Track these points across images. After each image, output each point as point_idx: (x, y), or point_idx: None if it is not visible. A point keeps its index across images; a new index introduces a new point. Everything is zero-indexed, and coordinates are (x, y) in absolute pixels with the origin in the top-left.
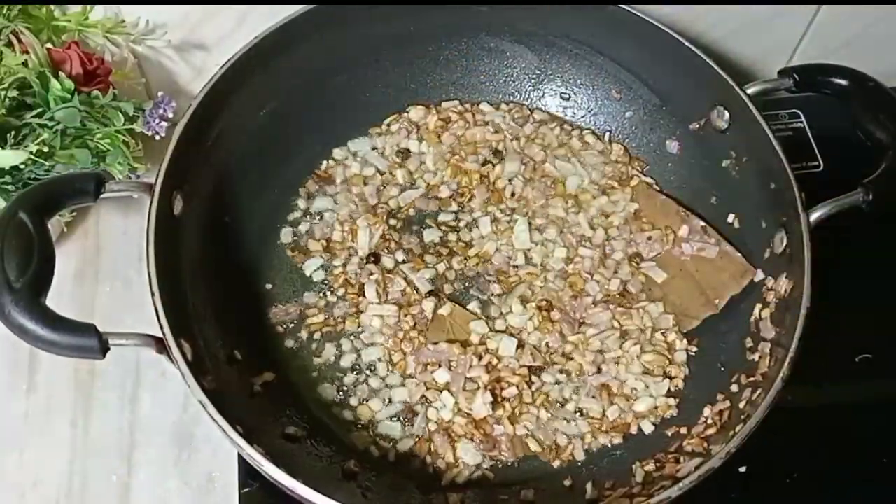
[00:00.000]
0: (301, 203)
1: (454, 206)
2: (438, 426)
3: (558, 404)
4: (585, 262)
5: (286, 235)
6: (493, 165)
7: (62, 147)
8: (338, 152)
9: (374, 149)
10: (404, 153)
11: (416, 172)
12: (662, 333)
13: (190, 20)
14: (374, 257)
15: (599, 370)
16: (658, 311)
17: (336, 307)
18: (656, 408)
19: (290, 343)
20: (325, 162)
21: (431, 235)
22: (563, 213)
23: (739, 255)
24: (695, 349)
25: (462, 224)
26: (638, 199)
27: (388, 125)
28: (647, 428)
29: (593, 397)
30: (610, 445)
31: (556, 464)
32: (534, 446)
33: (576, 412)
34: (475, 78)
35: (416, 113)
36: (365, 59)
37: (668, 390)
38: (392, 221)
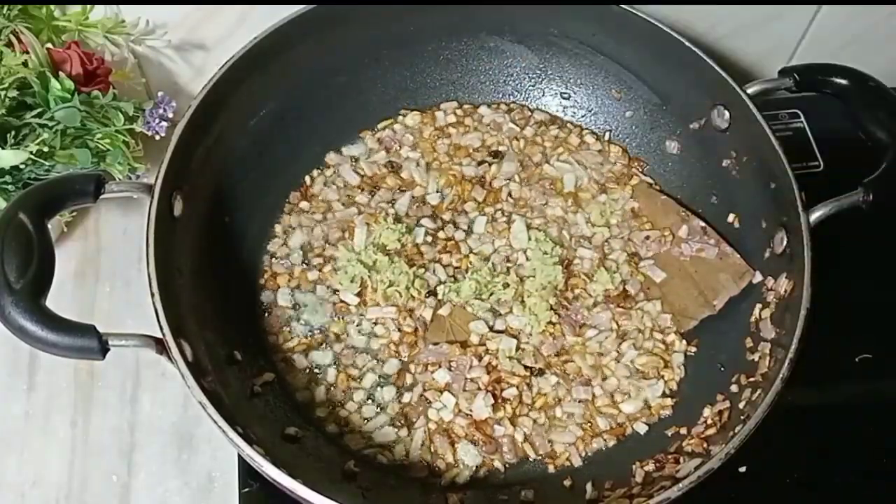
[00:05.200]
0: (279, 230)
1: (450, 211)
2: (438, 426)
3: (554, 409)
4: (585, 262)
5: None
6: (490, 165)
7: (62, 147)
8: (332, 157)
9: (368, 153)
10: (396, 163)
11: (409, 180)
12: (661, 333)
13: (190, 20)
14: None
15: (595, 374)
16: (656, 311)
17: (333, 309)
18: (649, 408)
19: (288, 345)
20: (307, 177)
21: (427, 237)
22: (563, 213)
23: (738, 256)
24: (694, 349)
25: (459, 225)
26: (638, 198)
27: (383, 130)
28: (641, 429)
29: (584, 403)
30: (606, 448)
31: (554, 469)
32: (531, 452)
33: (569, 418)
34: (475, 78)
35: (411, 119)
36: (365, 59)
37: (663, 392)
38: (386, 223)
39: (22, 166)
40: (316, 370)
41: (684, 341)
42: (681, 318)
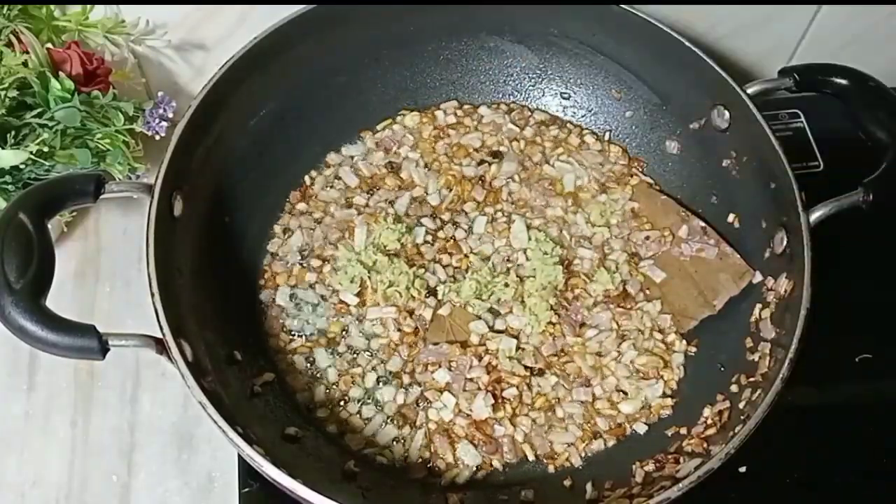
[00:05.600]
0: (279, 230)
1: (449, 212)
2: (438, 426)
3: (554, 409)
4: (585, 262)
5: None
6: (490, 165)
7: (62, 147)
8: (332, 157)
9: (368, 153)
10: (395, 163)
11: (409, 180)
12: (661, 333)
13: (190, 20)
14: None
15: (595, 374)
16: (656, 311)
17: (333, 309)
18: (649, 408)
19: (288, 345)
20: (307, 177)
21: (427, 237)
22: (563, 213)
23: (738, 256)
24: (694, 350)
25: (459, 225)
26: (638, 198)
27: (383, 130)
28: (641, 429)
29: (584, 404)
30: (606, 448)
31: (553, 469)
32: (530, 453)
33: (569, 418)
34: (475, 78)
35: (411, 119)
36: (365, 59)
37: (663, 392)
38: (386, 224)
39: (22, 166)
40: (316, 370)
41: (684, 341)
42: (681, 318)
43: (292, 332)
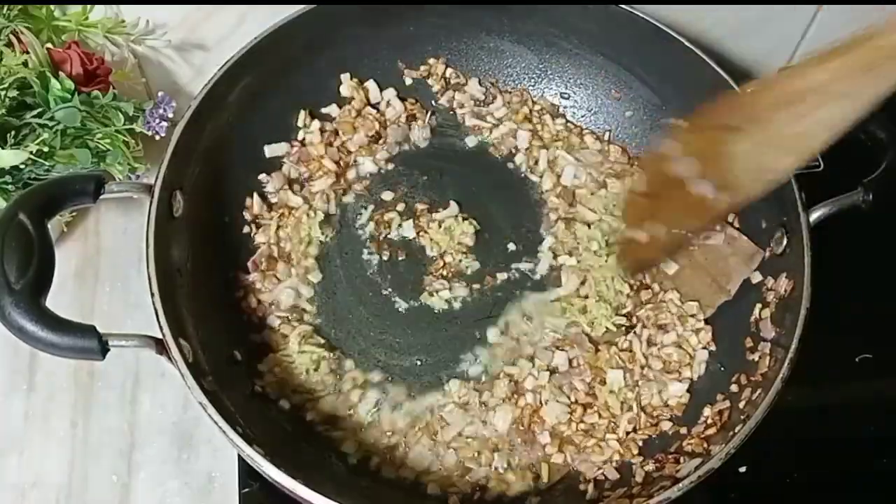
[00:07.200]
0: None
1: None
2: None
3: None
4: None
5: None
6: None
7: (62, 147)
8: None
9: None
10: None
11: None
12: (690, 319)
13: (190, 20)
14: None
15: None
16: (677, 300)
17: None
18: (669, 407)
19: (290, 347)
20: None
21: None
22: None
23: (745, 238)
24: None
25: None
26: None
27: None
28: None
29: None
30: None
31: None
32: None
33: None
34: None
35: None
36: (364, 59)
37: (686, 388)
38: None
39: (22, 166)
40: (316, 370)
41: (708, 333)
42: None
43: (292, 333)
